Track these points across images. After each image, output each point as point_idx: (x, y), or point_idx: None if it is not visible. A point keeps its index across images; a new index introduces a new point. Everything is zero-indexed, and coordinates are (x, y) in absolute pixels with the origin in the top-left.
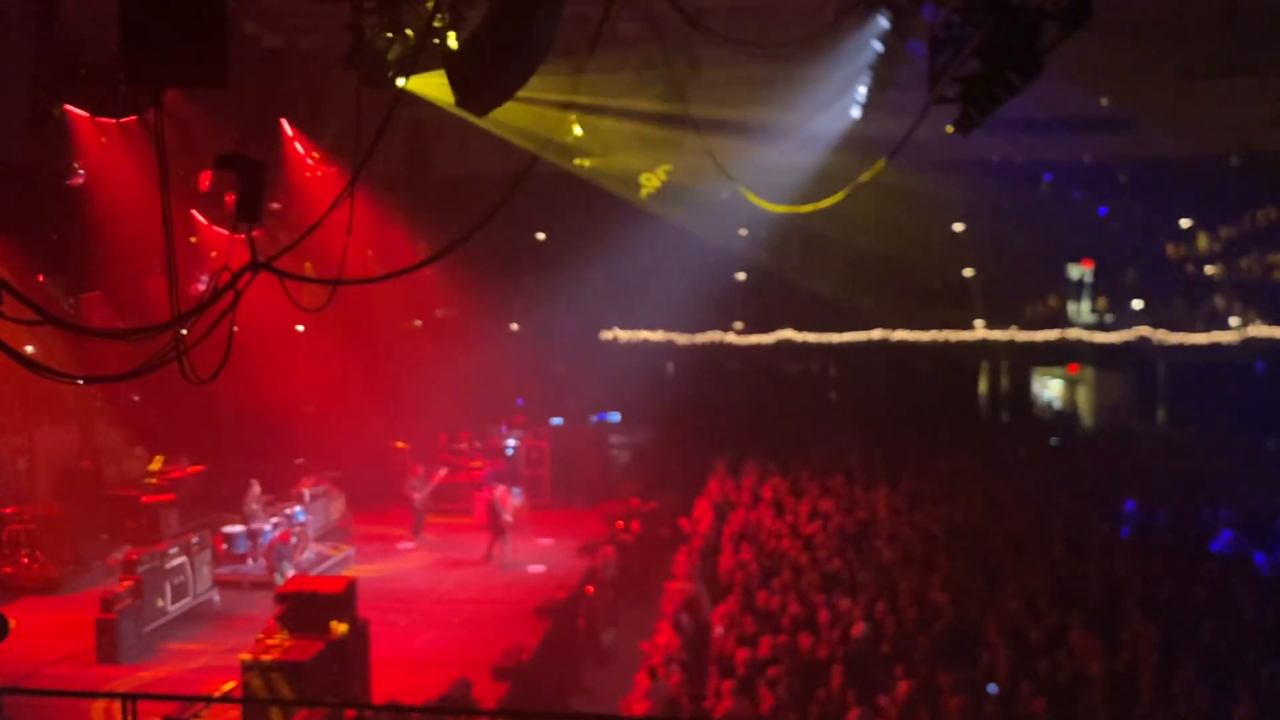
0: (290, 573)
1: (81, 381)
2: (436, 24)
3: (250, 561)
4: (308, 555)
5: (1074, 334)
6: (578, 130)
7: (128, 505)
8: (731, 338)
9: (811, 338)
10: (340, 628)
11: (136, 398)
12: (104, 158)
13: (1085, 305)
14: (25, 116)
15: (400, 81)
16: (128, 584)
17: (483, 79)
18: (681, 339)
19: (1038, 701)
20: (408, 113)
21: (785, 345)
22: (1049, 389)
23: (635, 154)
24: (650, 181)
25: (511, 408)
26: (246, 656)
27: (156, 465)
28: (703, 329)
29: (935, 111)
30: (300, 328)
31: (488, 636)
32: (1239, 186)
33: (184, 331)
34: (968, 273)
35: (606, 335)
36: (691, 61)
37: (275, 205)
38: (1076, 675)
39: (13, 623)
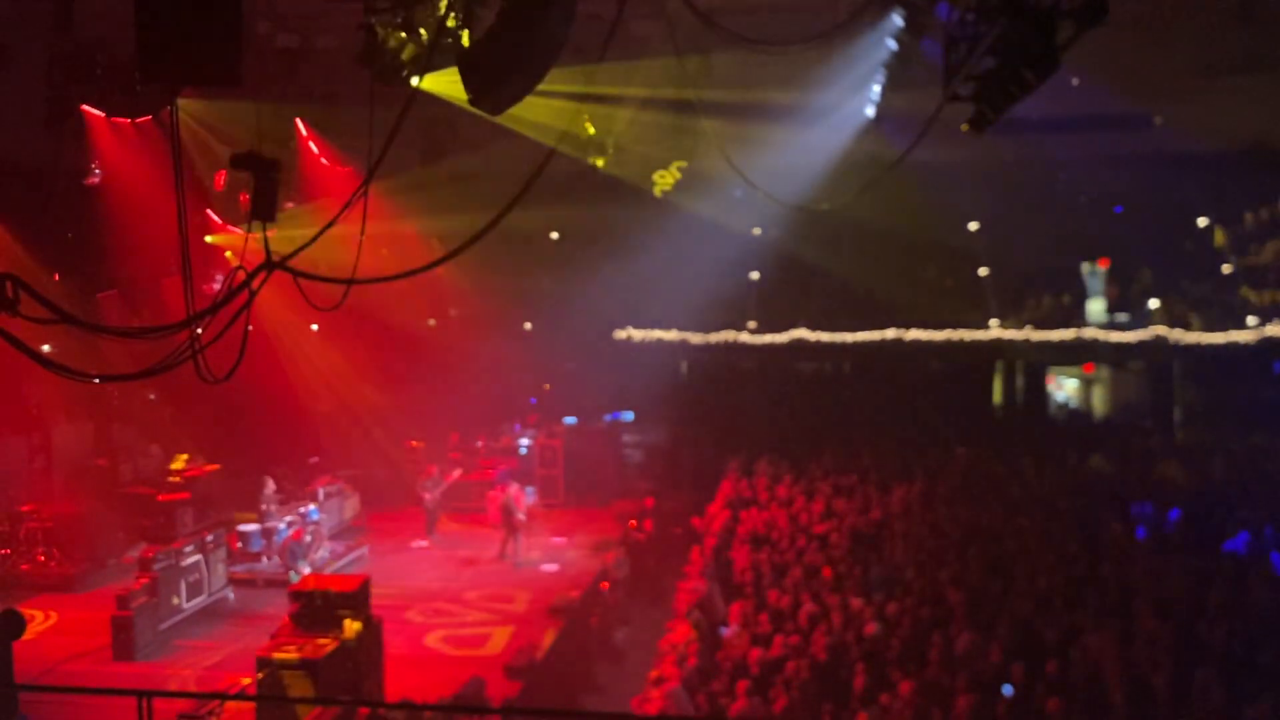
0: (304, 571)
1: (97, 380)
2: (450, 23)
3: (265, 560)
4: (322, 553)
5: (1089, 333)
6: (590, 129)
7: (143, 503)
8: (745, 337)
9: (825, 337)
10: (354, 626)
11: (152, 396)
12: (120, 158)
13: (1101, 304)
14: (42, 117)
15: (414, 80)
16: (143, 581)
17: (496, 77)
18: (695, 338)
19: (1052, 702)
20: (422, 111)
21: (799, 344)
22: (1064, 388)
23: (649, 151)
24: (664, 179)
25: (525, 407)
26: (261, 654)
27: (179, 464)
28: (716, 328)
29: (950, 109)
30: (314, 327)
31: (500, 635)
32: (1256, 183)
33: (199, 330)
34: (982, 272)
35: (620, 334)
36: (705, 60)
37: (290, 205)
38: (1091, 676)
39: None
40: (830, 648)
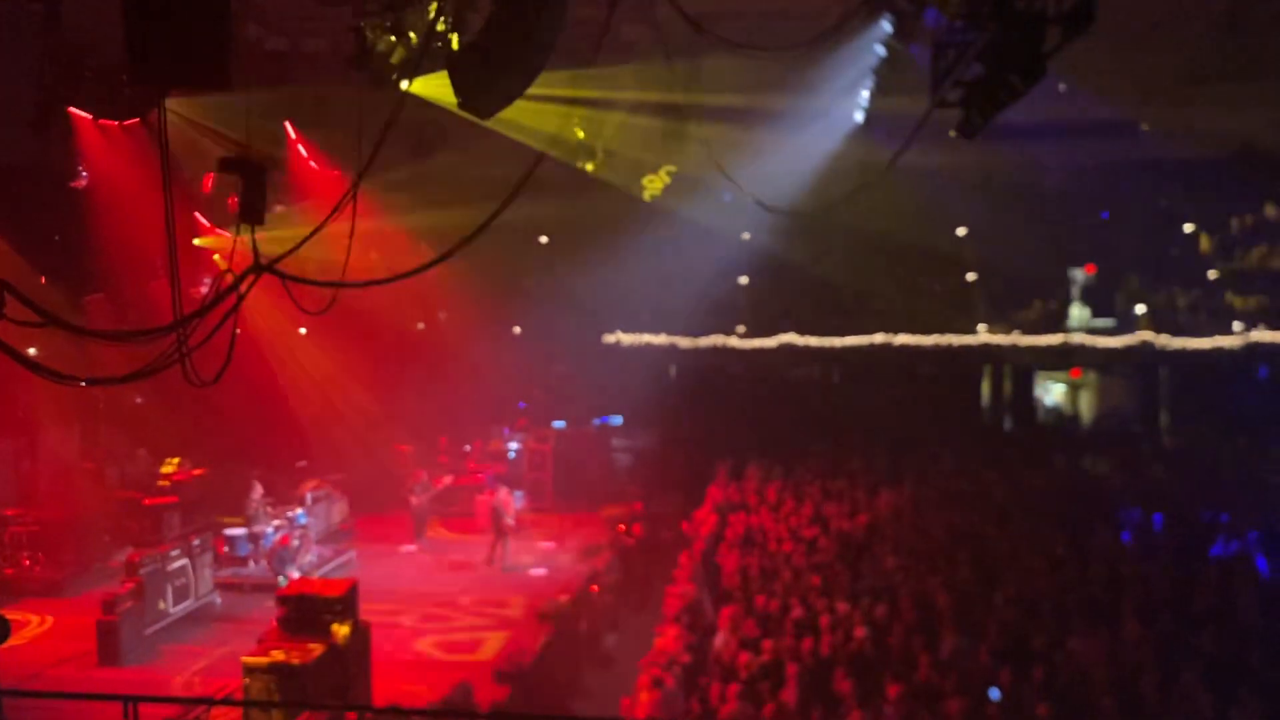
0: (292, 575)
1: (84, 384)
2: (439, 27)
3: (252, 564)
4: (309, 558)
5: (1076, 338)
6: (580, 134)
7: (130, 507)
8: (734, 341)
9: (814, 341)
10: (342, 630)
11: (139, 400)
12: (107, 160)
13: (1087, 309)
14: (29, 118)
15: (404, 84)
16: (129, 586)
17: (486, 81)
18: (684, 342)
19: (1039, 707)
20: (411, 115)
21: (787, 349)
22: (1051, 393)
23: (639, 156)
24: (654, 184)
25: (514, 411)
26: (248, 659)
27: (170, 468)
28: (705, 332)
29: (938, 115)
30: (303, 330)
31: (489, 640)
32: (1241, 190)
33: (187, 333)
34: (970, 277)
35: (609, 338)
36: (695, 65)
37: (278, 208)
38: (1078, 680)
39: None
40: (818, 652)
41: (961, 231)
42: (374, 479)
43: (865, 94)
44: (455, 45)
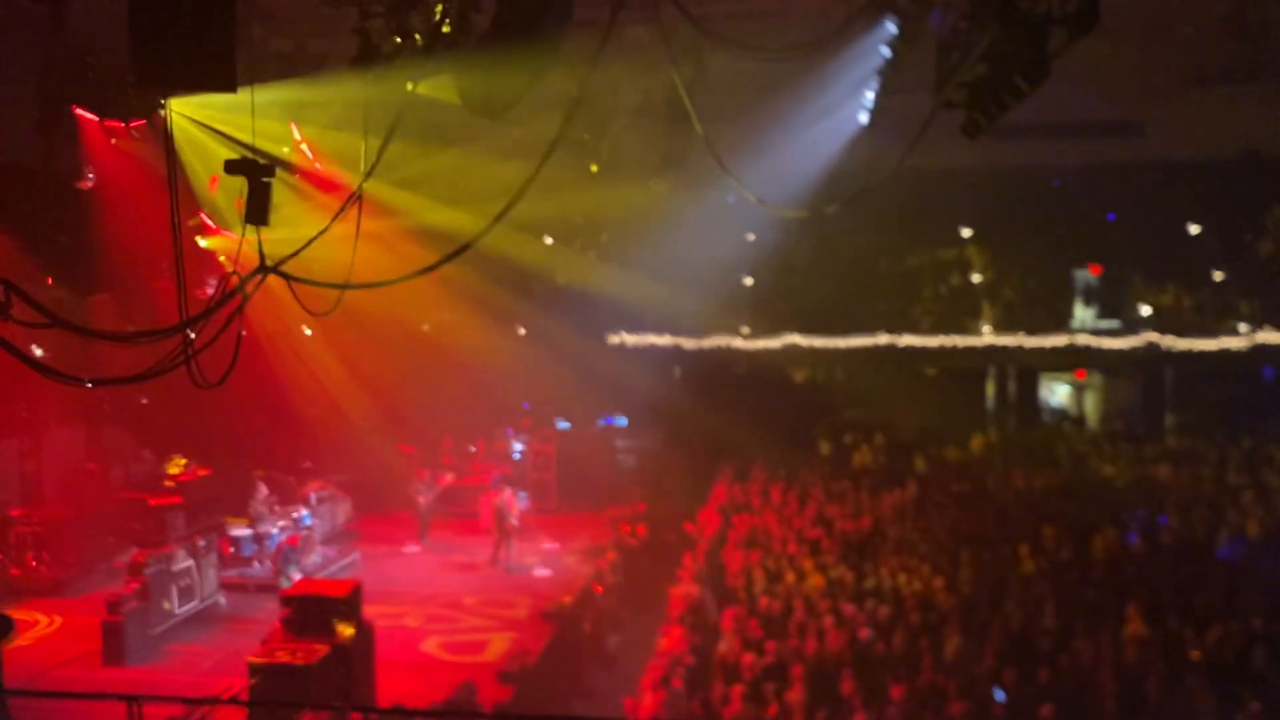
0: (296, 576)
1: (89, 384)
2: (445, 29)
3: (256, 564)
4: (314, 558)
5: (1082, 340)
6: (585, 135)
7: (135, 508)
8: (738, 342)
9: (818, 342)
10: (346, 631)
11: (144, 401)
12: (113, 161)
13: (1093, 310)
14: (35, 119)
15: (409, 85)
16: (134, 586)
17: (491, 82)
18: (688, 343)
19: (1044, 707)
20: (416, 116)
21: (792, 350)
22: (1056, 394)
23: (644, 157)
24: (658, 185)
25: (518, 412)
26: (252, 659)
27: (175, 468)
28: (709, 333)
29: (943, 116)
30: (308, 331)
31: (494, 641)
32: (1247, 191)
33: (192, 335)
34: (975, 278)
35: (613, 339)
36: (699, 66)
37: (284, 209)
38: (1083, 681)
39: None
40: (823, 653)
41: (966, 232)
42: (378, 480)
43: (869, 95)
44: (460, 46)
